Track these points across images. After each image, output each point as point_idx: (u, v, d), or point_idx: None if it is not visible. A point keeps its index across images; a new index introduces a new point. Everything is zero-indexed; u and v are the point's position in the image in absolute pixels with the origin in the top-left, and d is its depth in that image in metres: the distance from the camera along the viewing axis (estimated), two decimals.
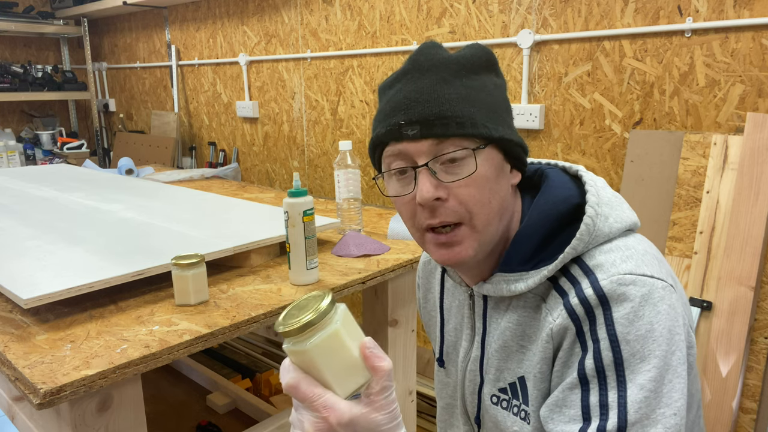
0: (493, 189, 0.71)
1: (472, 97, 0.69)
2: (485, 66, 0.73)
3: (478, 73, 0.72)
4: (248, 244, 1.34)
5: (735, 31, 1.53)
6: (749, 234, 1.45)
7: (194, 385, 2.26)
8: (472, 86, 0.70)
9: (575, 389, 0.66)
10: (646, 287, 0.65)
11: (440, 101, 0.68)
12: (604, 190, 0.74)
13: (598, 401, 0.64)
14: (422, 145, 0.69)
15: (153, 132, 3.59)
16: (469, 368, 0.83)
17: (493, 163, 0.71)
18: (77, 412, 0.92)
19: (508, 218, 0.75)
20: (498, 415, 0.79)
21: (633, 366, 0.63)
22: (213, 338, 1.03)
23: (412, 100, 0.69)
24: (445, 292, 0.90)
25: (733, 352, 1.46)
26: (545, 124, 1.93)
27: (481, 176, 0.69)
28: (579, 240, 0.69)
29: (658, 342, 0.63)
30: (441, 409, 0.95)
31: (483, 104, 0.70)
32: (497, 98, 0.73)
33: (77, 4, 3.72)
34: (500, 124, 0.71)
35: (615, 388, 0.63)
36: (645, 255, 0.69)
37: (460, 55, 0.72)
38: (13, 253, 1.31)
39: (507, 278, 0.74)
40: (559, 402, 0.67)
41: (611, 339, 0.64)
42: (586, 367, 0.65)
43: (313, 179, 2.80)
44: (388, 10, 2.31)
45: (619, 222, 0.72)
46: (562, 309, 0.68)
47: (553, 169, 0.79)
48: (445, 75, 0.70)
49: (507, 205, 0.74)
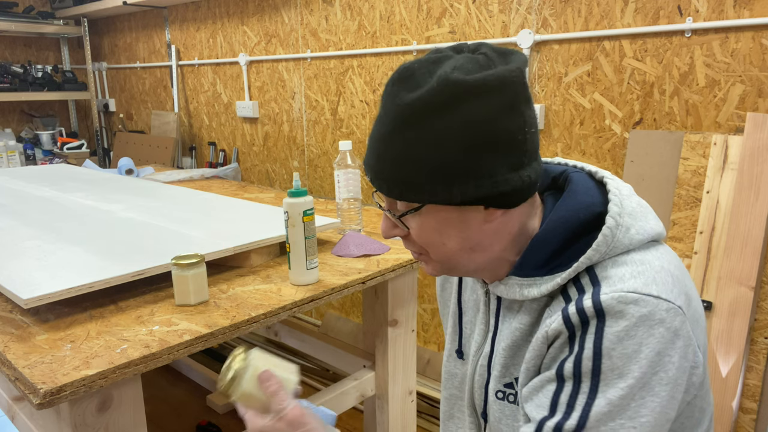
0: (446, 234, 0.71)
1: (410, 156, 0.65)
2: (446, 105, 0.63)
3: (435, 116, 0.64)
4: (248, 244, 1.34)
5: (735, 31, 1.53)
6: (749, 234, 1.45)
7: (194, 385, 2.26)
8: (416, 140, 0.65)
9: (552, 382, 0.68)
10: (647, 308, 0.64)
11: (381, 159, 0.69)
12: (628, 199, 0.72)
13: (567, 400, 0.66)
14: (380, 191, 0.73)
15: (153, 132, 3.59)
16: (480, 363, 0.84)
17: (438, 218, 0.70)
18: (77, 412, 0.92)
19: (500, 242, 0.73)
20: (506, 409, 0.80)
21: (609, 380, 0.64)
22: (213, 338, 1.03)
23: (368, 148, 0.72)
24: (463, 286, 0.91)
25: (733, 352, 1.46)
26: (545, 124, 1.93)
27: (422, 231, 0.72)
28: (595, 251, 0.68)
29: (640, 364, 0.63)
30: (444, 400, 0.96)
31: (424, 163, 0.65)
32: (460, 144, 0.64)
33: (77, 4, 3.72)
34: (449, 181, 0.65)
35: (585, 394, 0.65)
36: (659, 272, 0.67)
37: (414, 99, 0.64)
38: (13, 253, 1.31)
39: (520, 282, 0.74)
40: (536, 387, 0.70)
41: (595, 350, 0.64)
42: (565, 367, 0.67)
43: (313, 179, 2.80)
44: (388, 10, 2.31)
45: (641, 234, 0.70)
46: (559, 314, 0.68)
47: (578, 173, 0.77)
48: (390, 127, 0.66)
49: (480, 240, 0.72)
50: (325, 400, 1.42)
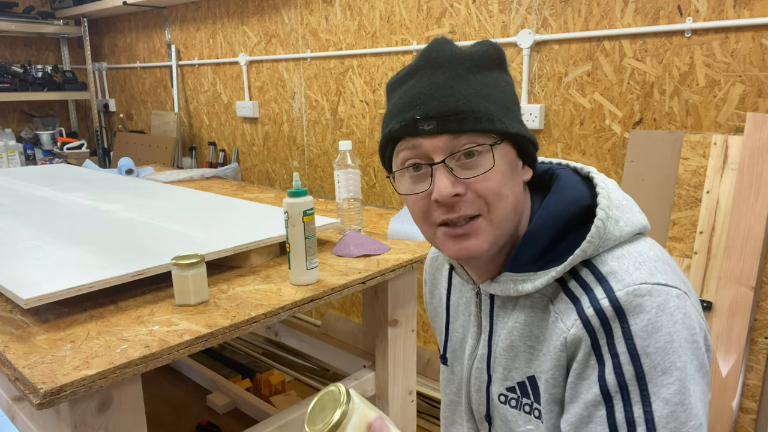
0: (509, 184, 0.71)
1: (486, 93, 0.69)
2: (496, 63, 0.73)
3: (491, 69, 0.72)
4: (248, 244, 1.34)
5: (735, 31, 1.53)
6: (749, 234, 1.45)
7: (194, 385, 2.26)
8: (485, 82, 0.70)
9: (599, 406, 0.65)
10: (661, 297, 0.64)
11: (456, 96, 0.68)
12: (615, 193, 0.73)
13: (624, 418, 0.63)
14: (438, 140, 0.68)
15: (153, 132, 3.59)
16: (476, 366, 0.83)
17: (508, 159, 0.71)
18: (77, 412, 0.92)
19: (519, 215, 0.75)
20: (508, 414, 0.78)
21: (655, 379, 0.62)
22: (213, 338, 1.03)
23: (427, 95, 0.68)
24: (452, 289, 0.90)
25: (733, 352, 1.46)
26: (545, 124, 1.93)
27: (498, 171, 0.69)
28: (589, 243, 0.68)
29: (678, 353, 0.63)
30: (445, 406, 0.95)
31: (497, 100, 0.70)
32: (509, 95, 0.73)
33: (77, 4, 3.72)
34: (514, 120, 0.72)
35: (639, 403, 0.62)
36: (657, 261, 0.68)
37: (473, 51, 0.72)
38: (13, 253, 1.31)
39: (514, 278, 0.74)
40: (584, 419, 0.66)
41: (631, 353, 0.63)
42: (608, 382, 0.64)
43: (313, 179, 2.80)
44: (388, 10, 2.31)
45: (629, 225, 0.71)
46: (576, 318, 0.67)
47: (564, 169, 0.79)
48: (459, 71, 0.70)
49: (520, 201, 0.74)
50: None
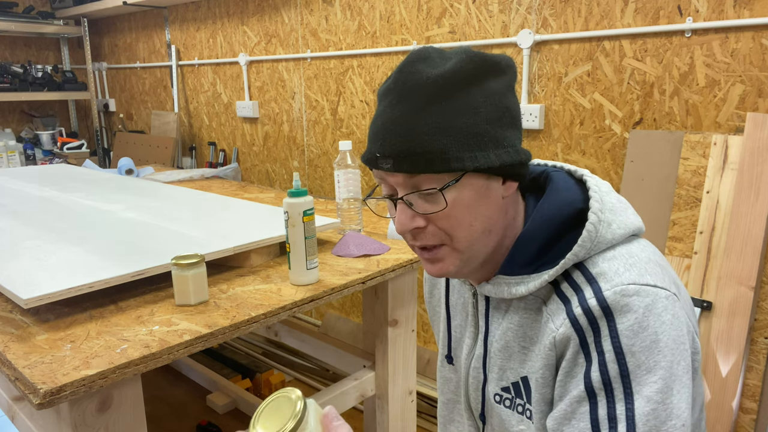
0: (475, 212, 0.70)
1: (446, 127, 0.67)
2: (472, 78, 0.68)
3: (463, 89, 0.68)
4: (248, 244, 1.34)
5: (735, 31, 1.53)
6: (749, 234, 1.45)
7: (194, 385, 2.26)
8: (451, 110, 0.67)
9: (583, 402, 0.66)
10: (649, 297, 0.65)
11: (411, 136, 0.67)
12: (608, 195, 0.73)
13: (606, 414, 0.64)
14: (397, 177, 0.70)
15: (153, 132, 3.59)
16: (473, 365, 0.84)
17: (475, 188, 0.70)
18: (77, 412, 0.92)
19: (502, 229, 0.74)
20: (503, 413, 0.80)
21: (639, 377, 0.63)
22: (213, 338, 1.03)
23: (388, 131, 0.69)
24: (450, 289, 0.91)
25: (733, 352, 1.46)
26: (545, 124, 1.93)
27: (456, 207, 0.69)
28: (581, 246, 0.69)
29: (663, 353, 0.63)
30: (442, 405, 0.96)
31: (460, 131, 0.67)
32: (484, 115, 0.68)
33: (77, 4, 3.72)
34: (483, 148, 0.68)
35: (622, 401, 0.64)
36: (648, 263, 0.69)
37: (445, 71, 0.67)
38: (13, 253, 1.31)
39: (508, 281, 0.74)
40: (567, 415, 0.68)
41: (616, 351, 0.64)
42: (592, 379, 0.65)
43: (313, 179, 2.80)
44: (388, 10, 2.31)
45: (622, 228, 0.71)
46: (564, 318, 0.68)
47: (558, 171, 0.79)
48: (421, 102, 0.67)
49: (494, 221, 0.73)
50: (325, 400, 1.42)
